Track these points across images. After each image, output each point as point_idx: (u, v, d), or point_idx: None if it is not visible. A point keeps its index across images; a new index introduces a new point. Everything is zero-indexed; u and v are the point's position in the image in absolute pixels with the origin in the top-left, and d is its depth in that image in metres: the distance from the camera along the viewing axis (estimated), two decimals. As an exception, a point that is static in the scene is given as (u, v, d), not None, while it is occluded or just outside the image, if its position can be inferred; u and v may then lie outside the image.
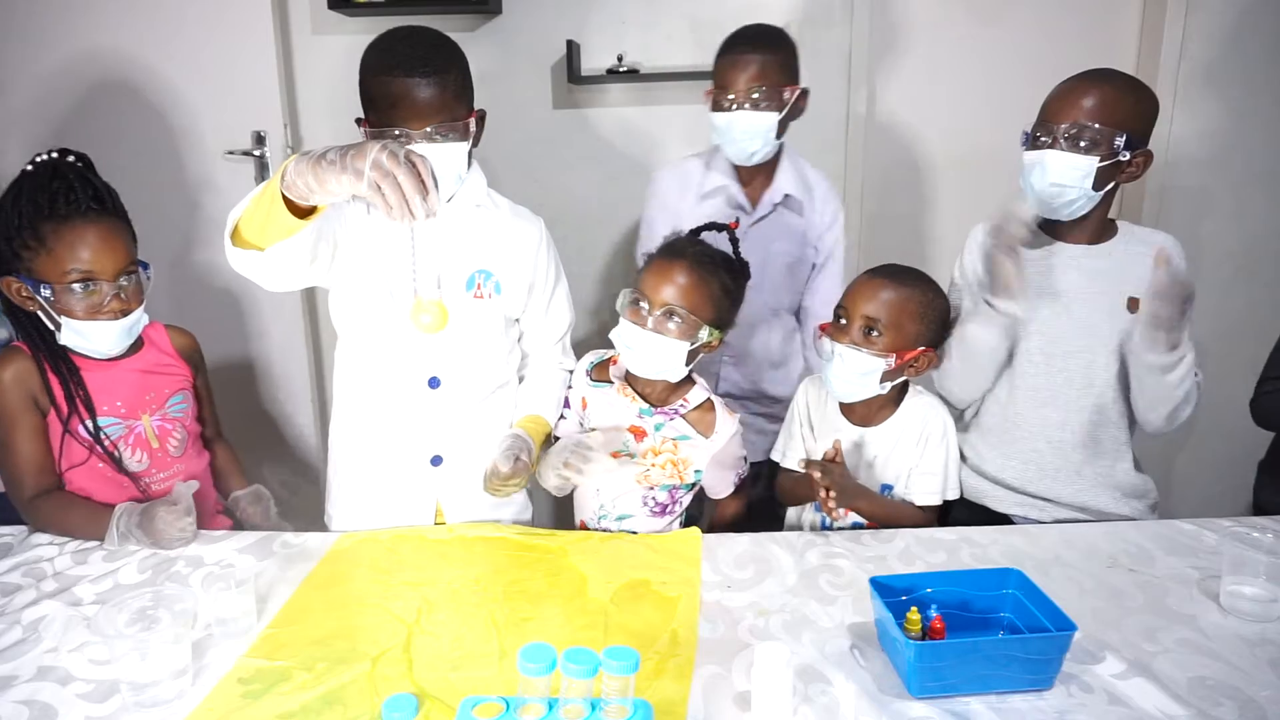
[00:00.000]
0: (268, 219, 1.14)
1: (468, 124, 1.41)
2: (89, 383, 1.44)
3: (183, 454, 1.53)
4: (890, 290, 1.44)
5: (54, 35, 2.36)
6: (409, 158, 1.04)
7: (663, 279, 1.43)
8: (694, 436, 1.52)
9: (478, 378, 1.53)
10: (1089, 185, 1.44)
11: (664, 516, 1.55)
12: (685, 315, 1.42)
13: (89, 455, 1.44)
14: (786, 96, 1.74)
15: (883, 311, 1.42)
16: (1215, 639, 1.11)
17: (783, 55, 1.76)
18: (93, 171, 1.45)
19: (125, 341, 1.45)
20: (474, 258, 1.49)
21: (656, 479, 1.52)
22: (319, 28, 2.50)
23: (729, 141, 1.76)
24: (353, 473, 1.57)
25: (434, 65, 1.36)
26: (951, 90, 2.53)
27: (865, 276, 1.49)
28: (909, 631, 1.02)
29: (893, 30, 2.50)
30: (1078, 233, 1.54)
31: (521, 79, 2.51)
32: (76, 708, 1.01)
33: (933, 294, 1.47)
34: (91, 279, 1.37)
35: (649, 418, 1.51)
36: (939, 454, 1.50)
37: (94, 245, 1.37)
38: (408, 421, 1.51)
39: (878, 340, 1.42)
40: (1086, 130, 1.43)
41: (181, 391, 1.55)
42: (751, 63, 1.72)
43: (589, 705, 0.90)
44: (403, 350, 1.48)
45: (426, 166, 1.06)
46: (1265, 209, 2.55)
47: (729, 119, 1.73)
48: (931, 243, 2.64)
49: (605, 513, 1.53)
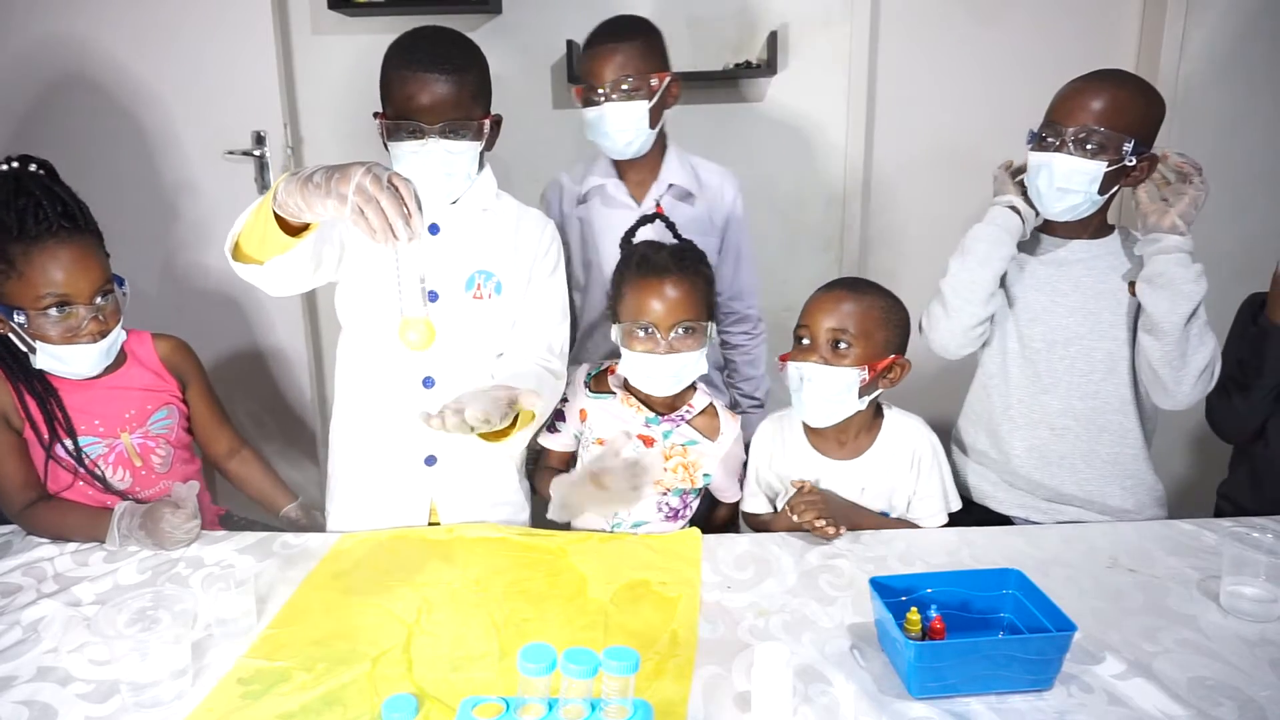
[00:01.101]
0: (264, 236, 1.15)
1: (482, 124, 1.42)
2: (66, 403, 1.41)
3: (169, 469, 1.52)
4: (851, 301, 1.41)
5: (54, 35, 2.36)
6: (392, 181, 1.05)
7: (659, 297, 1.42)
8: (701, 441, 1.52)
9: (473, 378, 1.51)
10: (1095, 189, 1.43)
11: (676, 521, 1.55)
12: (696, 323, 1.43)
13: (74, 479, 1.42)
14: (655, 84, 1.69)
15: (849, 321, 1.39)
16: (1215, 639, 1.11)
17: (645, 42, 1.72)
18: (58, 182, 1.38)
19: (103, 363, 1.41)
20: (475, 258, 1.49)
21: (670, 483, 1.52)
22: (319, 28, 2.50)
23: (602, 135, 1.72)
24: (350, 471, 1.57)
25: (454, 63, 1.38)
26: (951, 90, 2.53)
27: (821, 292, 1.46)
28: (909, 632, 1.02)
29: (892, 30, 2.50)
30: (1079, 233, 1.54)
31: (521, 79, 2.51)
32: (76, 708, 1.01)
33: (892, 301, 1.45)
34: (67, 302, 1.32)
35: (656, 426, 1.51)
36: (934, 475, 1.48)
37: (68, 267, 1.31)
38: (403, 421, 1.51)
39: (848, 352, 1.39)
40: (1095, 134, 1.41)
41: (166, 407, 1.52)
42: (615, 53, 1.68)
43: (589, 705, 0.90)
44: (398, 350, 1.47)
45: (410, 190, 1.06)
46: (1265, 209, 2.55)
47: (599, 112, 1.69)
48: (931, 243, 2.63)
49: (619, 521, 1.53)
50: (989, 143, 2.52)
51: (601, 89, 1.68)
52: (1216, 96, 2.47)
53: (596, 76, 1.70)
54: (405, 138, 1.38)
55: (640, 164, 1.79)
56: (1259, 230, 2.56)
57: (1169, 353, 1.41)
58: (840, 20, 2.47)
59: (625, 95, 1.68)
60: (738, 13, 2.47)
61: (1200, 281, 1.38)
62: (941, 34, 2.50)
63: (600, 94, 1.69)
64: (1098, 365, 1.53)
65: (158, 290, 2.49)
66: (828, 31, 2.48)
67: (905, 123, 2.57)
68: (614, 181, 1.80)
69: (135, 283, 1.48)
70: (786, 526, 1.43)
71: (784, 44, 2.43)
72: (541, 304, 1.57)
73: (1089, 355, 1.53)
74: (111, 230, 1.47)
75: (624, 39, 1.70)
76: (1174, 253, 1.39)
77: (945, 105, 2.54)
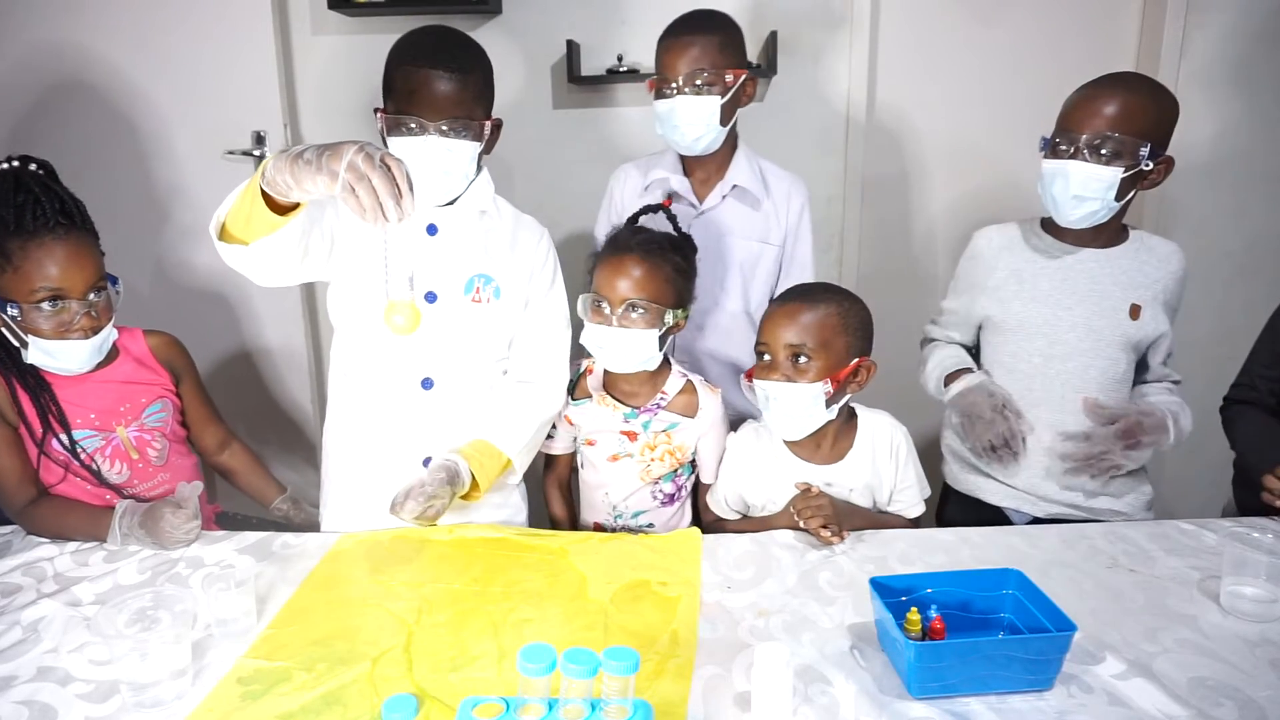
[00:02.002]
0: (250, 215, 1.15)
1: (482, 126, 1.43)
2: (60, 396, 1.41)
3: (165, 463, 1.52)
4: (806, 311, 1.39)
5: (54, 36, 2.36)
6: (384, 160, 1.04)
7: (616, 274, 1.45)
8: (680, 420, 1.55)
9: (472, 380, 1.52)
10: (1112, 196, 1.43)
11: (673, 504, 1.58)
12: (647, 305, 1.44)
13: (65, 473, 1.42)
14: (730, 80, 1.66)
15: (806, 335, 1.38)
16: (1215, 639, 1.11)
17: (723, 37, 1.68)
18: (56, 181, 1.40)
19: (94, 359, 1.41)
20: (475, 261, 1.49)
21: (659, 472, 1.54)
22: (319, 28, 2.50)
23: (671, 129, 1.69)
24: (346, 471, 1.58)
25: (459, 62, 1.38)
26: (951, 90, 2.53)
27: (775, 305, 1.45)
28: (909, 632, 1.02)
29: (892, 30, 2.50)
30: (1092, 238, 1.53)
31: (521, 79, 2.51)
32: (76, 708, 1.00)
33: (849, 303, 1.44)
34: (60, 297, 1.34)
35: (635, 419, 1.53)
36: (910, 465, 1.49)
37: (62, 262, 1.33)
38: (400, 421, 1.51)
39: (809, 366, 1.38)
40: (1110, 140, 1.41)
41: (160, 400, 1.52)
42: (691, 46, 1.65)
43: (589, 706, 0.90)
44: (397, 350, 1.48)
45: (402, 170, 1.06)
46: (1265, 209, 2.55)
47: (670, 105, 1.66)
48: (931, 243, 2.63)
49: (620, 512, 1.56)
50: (989, 143, 2.53)
51: (674, 82, 1.65)
52: (1216, 96, 2.47)
53: (670, 69, 1.66)
54: (405, 133, 1.38)
55: (707, 161, 1.77)
56: (1259, 230, 2.56)
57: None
58: (840, 20, 2.48)
59: (698, 90, 1.64)
60: (737, 13, 2.45)
61: (1182, 431, 1.53)
62: (941, 34, 2.50)
63: (672, 87, 1.65)
64: (1092, 381, 1.53)
65: (156, 291, 2.49)
66: (828, 31, 2.48)
67: (905, 123, 2.57)
68: (678, 178, 1.78)
69: (133, 284, 1.48)
70: (787, 526, 1.43)
71: (784, 44, 2.43)
72: (542, 323, 1.56)
73: (1084, 372, 1.53)
74: (111, 230, 1.47)
75: (702, 32, 1.67)
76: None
77: (945, 105, 2.54)
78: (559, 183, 2.54)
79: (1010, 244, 1.61)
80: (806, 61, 2.51)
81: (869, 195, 2.59)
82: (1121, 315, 1.51)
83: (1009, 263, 1.59)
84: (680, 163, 1.79)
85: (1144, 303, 1.51)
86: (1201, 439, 1.72)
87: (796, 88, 2.52)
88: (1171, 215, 2.53)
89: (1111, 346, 1.51)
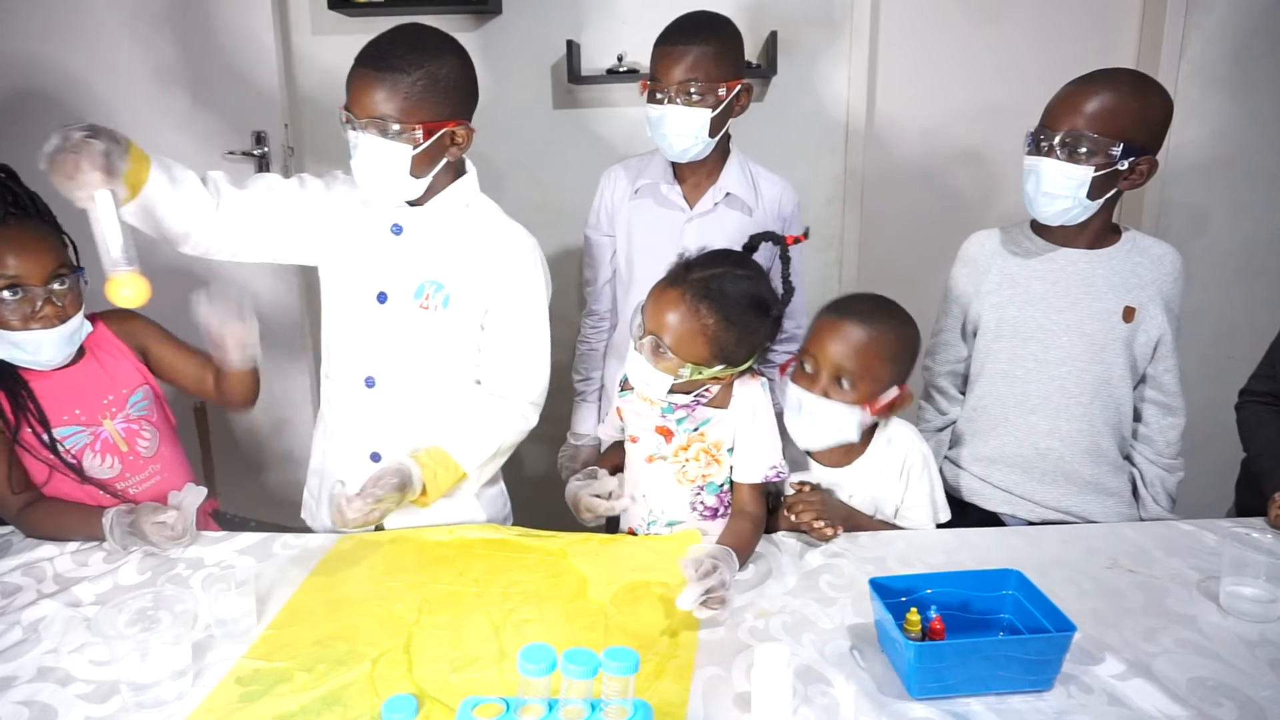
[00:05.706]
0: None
1: (414, 130, 1.33)
2: (39, 393, 1.40)
3: (155, 453, 1.51)
4: (860, 331, 1.35)
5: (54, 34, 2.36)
6: (79, 143, 1.17)
7: (659, 308, 1.35)
8: (713, 415, 1.44)
9: (415, 383, 1.50)
10: (1084, 195, 1.42)
11: (716, 520, 1.46)
12: (671, 352, 1.34)
13: (50, 472, 1.41)
14: (723, 93, 1.62)
15: (855, 359, 1.34)
16: (1215, 639, 1.11)
17: (720, 45, 1.63)
18: (16, 181, 1.40)
19: (66, 349, 1.40)
20: (430, 267, 1.45)
21: (694, 473, 1.45)
22: (319, 28, 2.50)
23: (660, 136, 1.65)
24: (313, 465, 1.62)
25: (394, 64, 1.32)
26: (951, 90, 2.53)
27: (831, 317, 1.39)
28: (909, 632, 1.02)
29: (892, 31, 2.51)
30: (1077, 238, 1.52)
31: (521, 79, 2.52)
32: (76, 708, 1.01)
33: (904, 326, 1.40)
34: (19, 284, 1.33)
35: (670, 415, 1.45)
36: (924, 486, 1.45)
37: (17, 250, 1.33)
38: (348, 418, 1.53)
39: (850, 392, 1.35)
40: (1083, 139, 1.39)
41: (140, 389, 1.51)
42: (686, 54, 1.60)
43: (589, 706, 0.90)
44: (344, 347, 1.51)
45: (92, 149, 1.18)
46: (1265, 209, 2.55)
47: (661, 113, 1.63)
48: (931, 243, 2.63)
49: (655, 519, 1.48)
50: (988, 143, 2.53)
51: (667, 89, 1.62)
52: (1216, 96, 2.47)
53: (663, 75, 1.62)
54: (345, 125, 1.37)
55: (698, 167, 1.74)
56: (1259, 230, 2.56)
57: None
58: (840, 21, 2.48)
59: (689, 100, 1.61)
60: (737, 13, 2.46)
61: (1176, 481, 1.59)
62: (941, 34, 2.50)
63: (664, 93, 1.62)
64: (1087, 388, 1.52)
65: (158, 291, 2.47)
66: (828, 31, 2.48)
67: (905, 122, 2.58)
68: (668, 183, 1.76)
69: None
70: (785, 526, 1.42)
71: (784, 44, 2.43)
72: (511, 335, 1.50)
73: (1079, 378, 1.52)
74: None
75: (698, 40, 1.61)
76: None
77: (945, 106, 2.54)
78: (559, 183, 2.54)
79: (999, 248, 1.60)
80: (806, 62, 2.51)
81: (868, 195, 2.59)
82: (1115, 318, 1.50)
83: (1001, 266, 1.58)
84: (670, 166, 1.77)
85: (1138, 305, 1.50)
86: (1202, 439, 1.71)
87: (796, 88, 2.52)
88: (1171, 215, 2.53)
89: (1106, 350, 1.51)
